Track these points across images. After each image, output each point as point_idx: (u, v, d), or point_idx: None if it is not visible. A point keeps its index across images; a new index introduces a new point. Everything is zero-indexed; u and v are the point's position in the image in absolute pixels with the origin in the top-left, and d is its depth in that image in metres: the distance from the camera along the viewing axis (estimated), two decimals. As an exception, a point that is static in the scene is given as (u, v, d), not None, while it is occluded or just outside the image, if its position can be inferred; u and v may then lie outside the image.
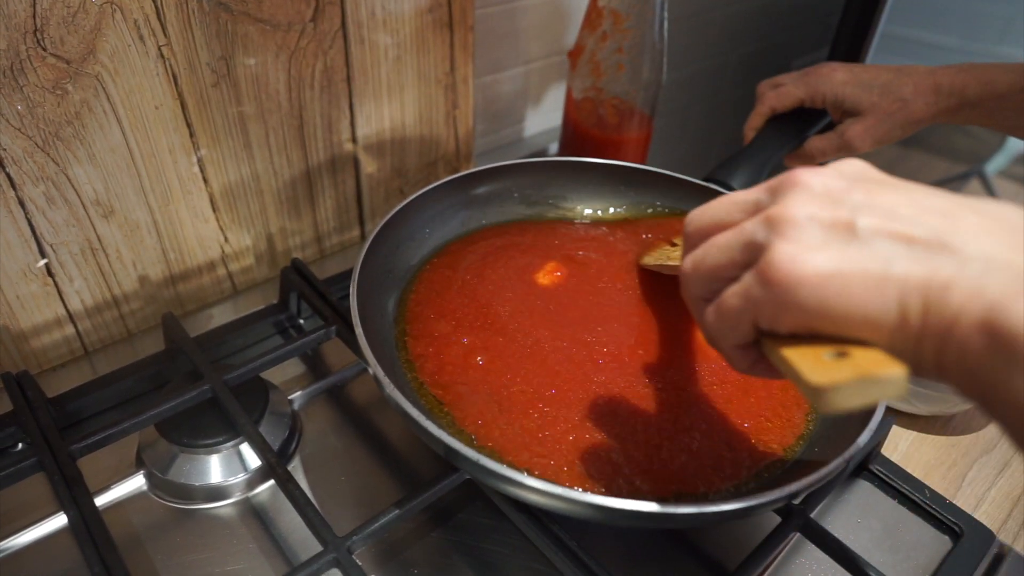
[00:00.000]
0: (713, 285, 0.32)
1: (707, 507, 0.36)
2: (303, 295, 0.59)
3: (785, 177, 0.30)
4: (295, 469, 0.51)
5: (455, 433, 0.44)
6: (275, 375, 0.57)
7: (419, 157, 0.75)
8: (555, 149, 0.99)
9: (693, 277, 0.33)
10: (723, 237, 0.31)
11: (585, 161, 0.64)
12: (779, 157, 0.69)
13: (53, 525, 0.47)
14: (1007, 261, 0.25)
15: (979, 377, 0.25)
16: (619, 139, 0.79)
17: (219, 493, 0.49)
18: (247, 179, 0.63)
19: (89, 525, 0.41)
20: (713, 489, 0.42)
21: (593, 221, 0.65)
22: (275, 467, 0.45)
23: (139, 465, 0.50)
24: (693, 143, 1.34)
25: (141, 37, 0.51)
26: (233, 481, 0.49)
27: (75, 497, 0.43)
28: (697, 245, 0.34)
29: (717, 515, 0.36)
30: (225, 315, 0.65)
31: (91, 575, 0.39)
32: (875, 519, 0.50)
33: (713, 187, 0.62)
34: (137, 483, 0.49)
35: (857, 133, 0.66)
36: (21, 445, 0.51)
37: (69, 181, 0.53)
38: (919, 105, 0.64)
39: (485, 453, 0.40)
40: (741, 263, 0.30)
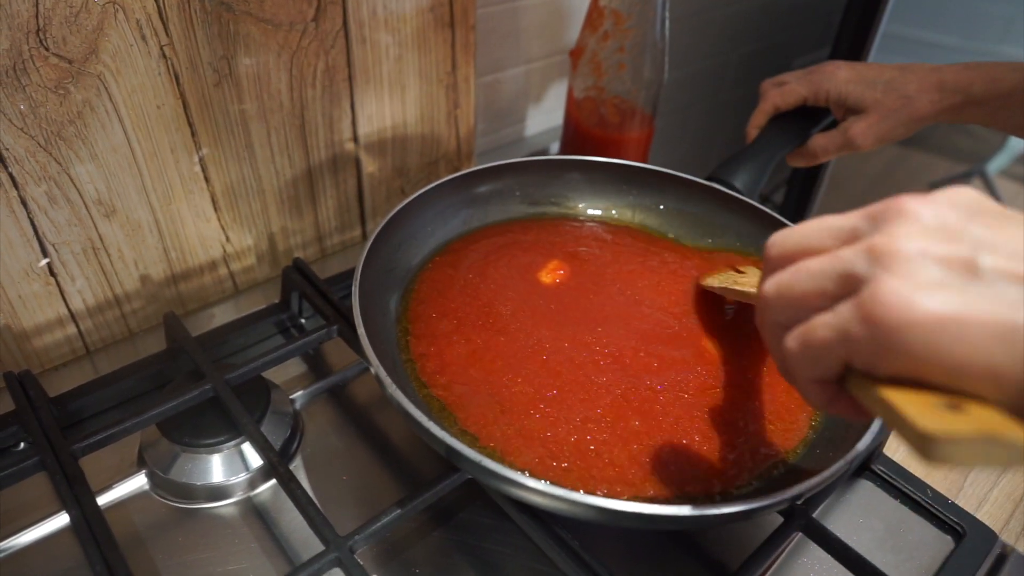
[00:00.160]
0: (797, 313, 0.30)
1: (709, 509, 0.36)
2: (304, 294, 0.59)
3: (890, 204, 0.27)
4: (297, 468, 0.51)
5: (458, 434, 0.44)
6: (277, 375, 0.57)
7: (420, 156, 0.75)
8: (556, 148, 0.99)
9: (776, 302, 0.30)
10: (815, 263, 0.29)
11: (587, 160, 0.64)
12: (782, 155, 0.69)
13: (55, 524, 0.47)
14: None
15: None
16: (620, 138, 0.79)
17: (221, 492, 0.49)
18: (249, 178, 0.63)
19: (91, 524, 0.41)
20: (715, 491, 0.42)
21: (596, 219, 0.65)
22: (277, 466, 0.45)
23: (141, 464, 0.50)
24: (694, 142, 1.34)
25: (143, 37, 0.51)
26: (235, 480, 0.49)
27: (77, 496, 0.43)
28: (780, 269, 0.31)
29: (719, 517, 0.36)
30: (227, 314, 0.65)
31: (93, 574, 0.39)
32: (877, 519, 0.50)
33: (715, 186, 0.62)
34: (139, 482, 0.49)
35: (860, 131, 0.66)
36: (23, 444, 0.51)
37: (71, 180, 0.53)
38: (923, 102, 0.64)
39: (487, 454, 0.40)
40: (834, 294, 0.28)
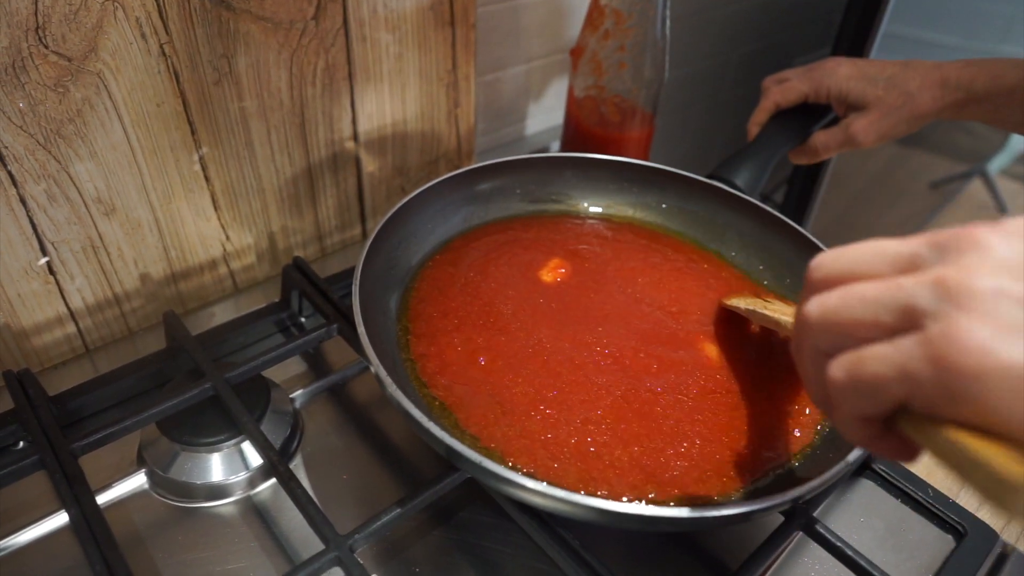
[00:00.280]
0: (844, 341, 0.27)
1: (709, 511, 0.36)
2: (305, 293, 0.59)
3: (960, 233, 0.25)
4: (296, 467, 0.51)
5: (459, 435, 0.44)
6: (277, 373, 0.57)
7: (421, 155, 0.75)
8: (557, 147, 0.99)
9: (819, 326, 0.28)
10: (870, 289, 0.26)
11: (588, 157, 0.64)
12: (783, 153, 0.69)
13: (54, 523, 0.46)
14: None
15: None
16: (621, 137, 0.79)
17: (220, 491, 0.49)
18: (249, 177, 0.63)
19: (90, 523, 0.41)
20: (715, 494, 0.42)
21: (596, 216, 0.65)
22: (277, 465, 0.45)
23: (140, 463, 0.50)
24: (694, 142, 1.34)
25: (143, 35, 0.51)
26: (234, 479, 0.49)
27: (76, 495, 0.43)
28: (824, 291, 0.29)
29: (719, 519, 0.36)
30: (226, 313, 0.65)
31: (92, 573, 0.39)
32: (878, 518, 0.50)
33: (717, 184, 0.62)
34: (138, 481, 0.49)
35: (862, 127, 0.66)
36: (22, 443, 0.51)
37: (70, 179, 0.52)
38: (925, 99, 0.64)
39: (488, 455, 0.40)
40: (891, 327, 0.25)
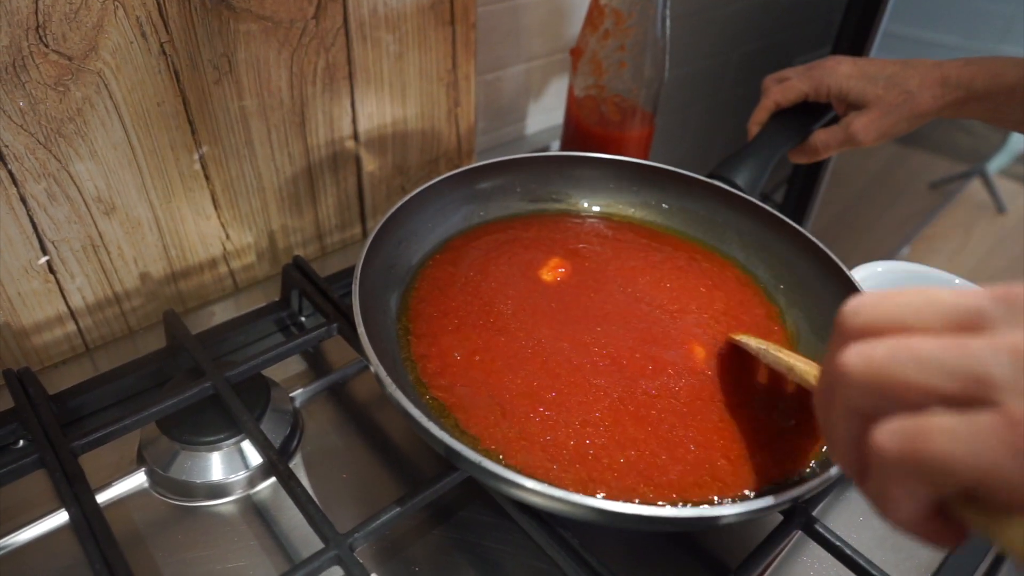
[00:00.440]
0: (889, 404, 0.23)
1: (709, 511, 0.36)
2: (305, 292, 0.59)
3: None
4: (296, 466, 0.51)
5: (459, 435, 0.44)
6: (276, 372, 0.57)
7: (421, 154, 0.75)
8: (557, 147, 0.99)
9: (862, 382, 0.24)
10: (928, 347, 0.23)
11: (588, 156, 0.64)
12: (783, 152, 0.69)
13: (54, 522, 0.47)
14: None
15: None
16: (621, 136, 0.79)
17: (220, 490, 0.49)
18: (249, 176, 0.63)
19: (90, 522, 0.41)
20: (713, 497, 0.42)
21: (597, 215, 0.65)
22: (276, 464, 0.45)
23: (140, 462, 0.50)
24: (694, 141, 1.34)
25: (143, 34, 0.51)
26: (234, 478, 0.49)
27: (76, 494, 0.43)
28: (860, 339, 0.25)
29: (719, 520, 0.36)
30: (227, 312, 0.65)
31: (92, 572, 0.39)
32: (877, 518, 0.50)
33: (717, 183, 0.62)
34: (138, 480, 0.49)
35: (862, 126, 0.66)
36: (22, 442, 0.51)
37: (71, 178, 0.53)
38: (925, 98, 0.64)
39: (488, 456, 0.40)
40: (952, 397, 0.22)
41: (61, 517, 0.47)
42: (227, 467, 0.49)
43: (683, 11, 1.08)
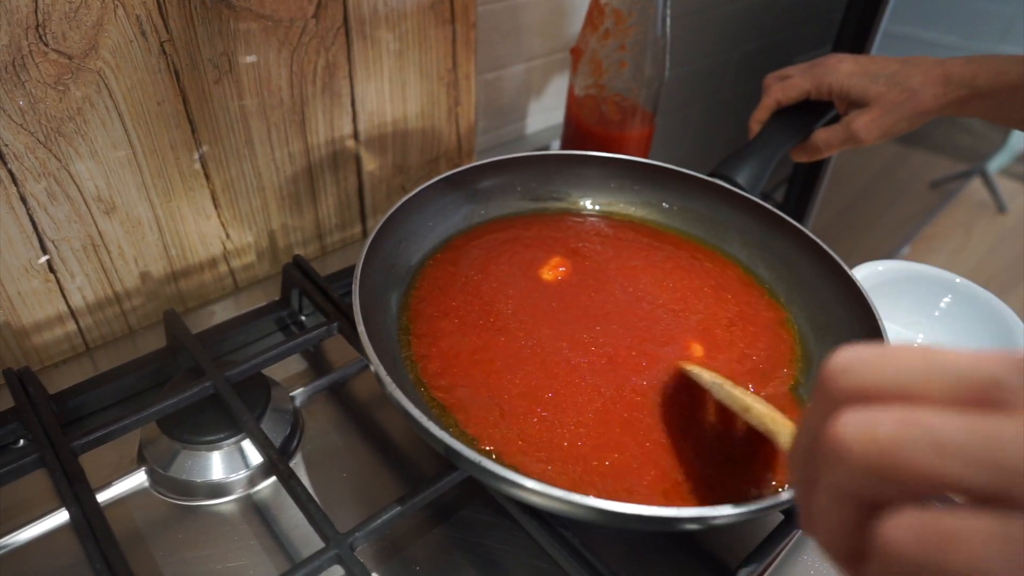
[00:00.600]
0: (894, 491, 0.19)
1: (710, 511, 0.36)
2: (305, 292, 0.59)
3: None
4: (297, 466, 0.51)
5: (458, 435, 0.44)
6: (277, 372, 0.57)
7: (421, 154, 0.75)
8: (557, 146, 0.99)
9: (860, 464, 0.20)
10: (948, 428, 0.19)
11: (589, 155, 0.64)
12: (785, 151, 0.69)
13: (55, 521, 0.46)
14: None
15: None
16: (621, 136, 0.79)
17: (221, 490, 0.49)
18: (249, 175, 0.63)
19: (91, 521, 0.41)
20: (711, 501, 0.42)
21: (597, 214, 0.65)
22: (277, 464, 0.45)
23: (141, 461, 0.50)
24: (694, 141, 1.34)
25: (143, 33, 0.51)
26: (235, 478, 0.49)
27: (77, 493, 0.43)
28: (856, 405, 0.21)
29: (719, 519, 0.36)
30: (227, 312, 0.65)
31: (93, 571, 0.39)
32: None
33: (718, 182, 0.62)
34: (139, 479, 0.49)
35: (863, 124, 0.65)
36: (23, 441, 0.51)
37: (71, 177, 0.52)
38: (927, 96, 0.63)
39: (487, 456, 0.40)
40: (971, 490, 0.18)
41: (61, 516, 0.47)
42: (227, 466, 0.49)
43: (683, 10, 1.08)
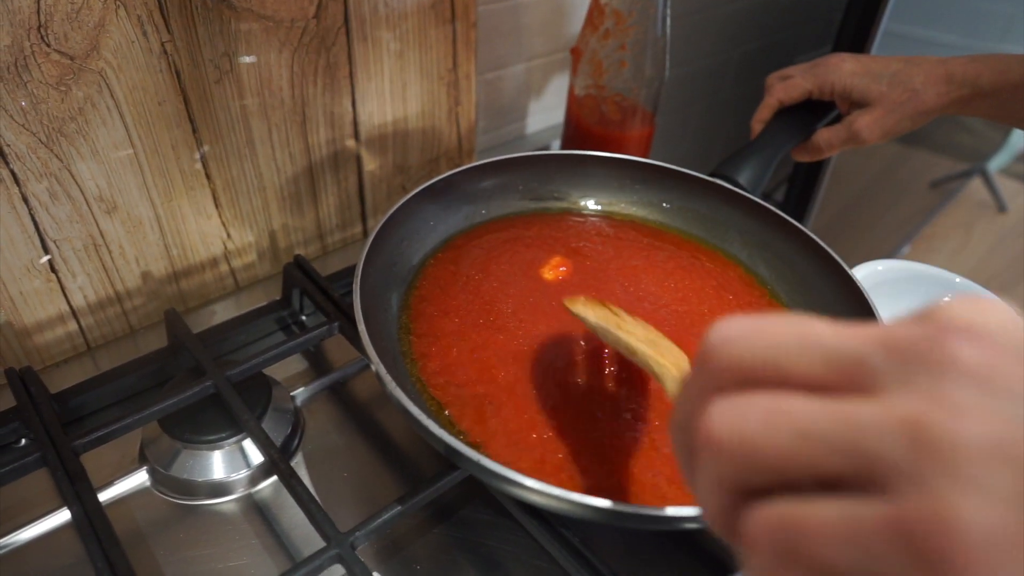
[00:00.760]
0: (763, 479, 0.20)
1: None
2: (306, 291, 0.59)
3: (923, 340, 0.19)
4: (297, 465, 0.51)
5: (454, 434, 0.44)
6: (278, 371, 0.57)
7: (421, 153, 0.75)
8: (557, 146, 0.99)
9: (731, 456, 0.20)
10: (812, 418, 0.19)
11: (589, 155, 0.64)
12: (786, 151, 0.69)
13: (56, 521, 0.47)
14: None
15: None
16: (621, 136, 0.79)
17: (222, 489, 0.49)
18: (250, 175, 0.63)
19: (92, 521, 0.41)
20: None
21: (598, 214, 0.65)
22: (278, 463, 0.45)
23: (142, 461, 0.50)
24: (695, 141, 1.34)
25: (144, 33, 0.51)
26: (236, 477, 0.49)
27: (78, 493, 0.43)
28: (725, 387, 0.21)
29: None
30: (228, 311, 0.65)
31: (94, 571, 0.39)
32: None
33: (719, 182, 0.62)
34: (140, 479, 0.49)
35: (865, 124, 0.65)
36: (24, 441, 0.51)
37: (72, 177, 0.53)
38: (930, 95, 0.63)
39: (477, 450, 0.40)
40: (833, 474, 0.19)
41: (63, 516, 0.47)
42: (228, 466, 0.49)
43: (684, 10, 1.08)
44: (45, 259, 0.54)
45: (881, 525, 0.17)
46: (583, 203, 0.65)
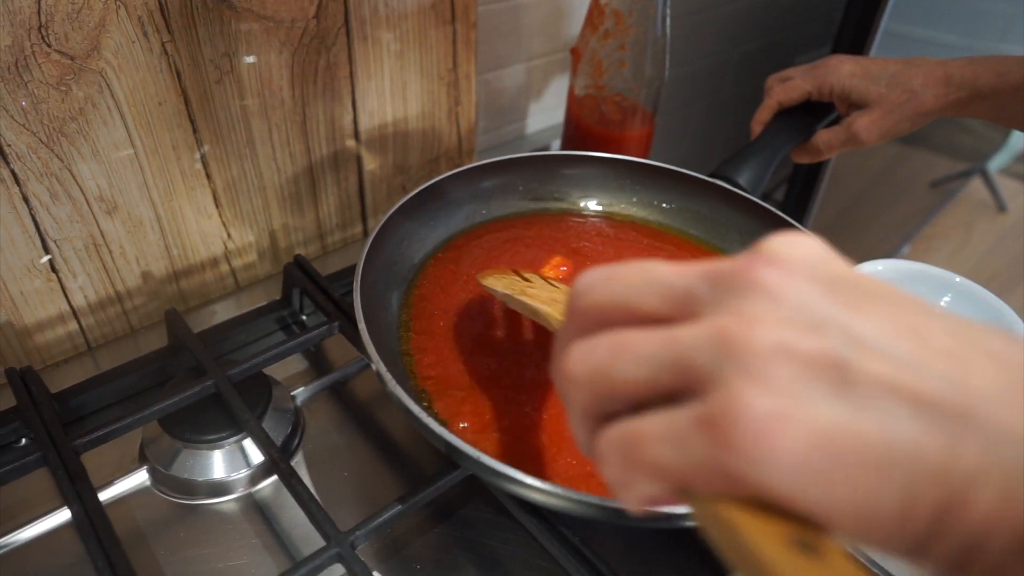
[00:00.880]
0: (615, 405, 0.23)
1: None
2: (306, 291, 0.59)
3: (736, 268, 0.22)
4: (298, 465, 0.51)
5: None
6: (278, 371, 0.57)
7: (422, 153, 0.75)
8: (557, 146, 0.99)
9: (586, 390, 0.23)
10: (644, 342, 0.22)
11: (590, 155, 0.64)
12: (786, 152, 0.69)
13: (56, 520, 0.47)
14: None
15: None
16: (621, 136, 0.79)
17: (222, 488, 0.49)
18: (250, 175, 0.63)
19: (92, 520, 0.41)
20: None
21: (599, 214, 0.65)
22: (278, 462, 0.45)
23: (142, 460, 0.50)
24: (695, 141, 1.34)
25: (145, 33, 0.51)
26: (236, 476, 0.49)
27: (78, 492, 0.43)
28: (589, 330, 0.24)
29: None
30: (228, 311, 0.65)
31: (94, 570, 0.39)
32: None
33: (719, 183, 0.62)
34: (140, 478, 0.49)
35: (864, 125, 0.65)
36: (25, 440, 0.51)
37: (73, 177, 0.53)
38: (928, 97, 0.63)
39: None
40: (667, 387, 0.21)
41: (63, 515, 0.47)
42: (229, 465, 0.49)
43: (683, 10, 1.08)
44: (45, 259, 0.54)
45: (693, 422, 0.20)
46: (583, 203, 0.65)
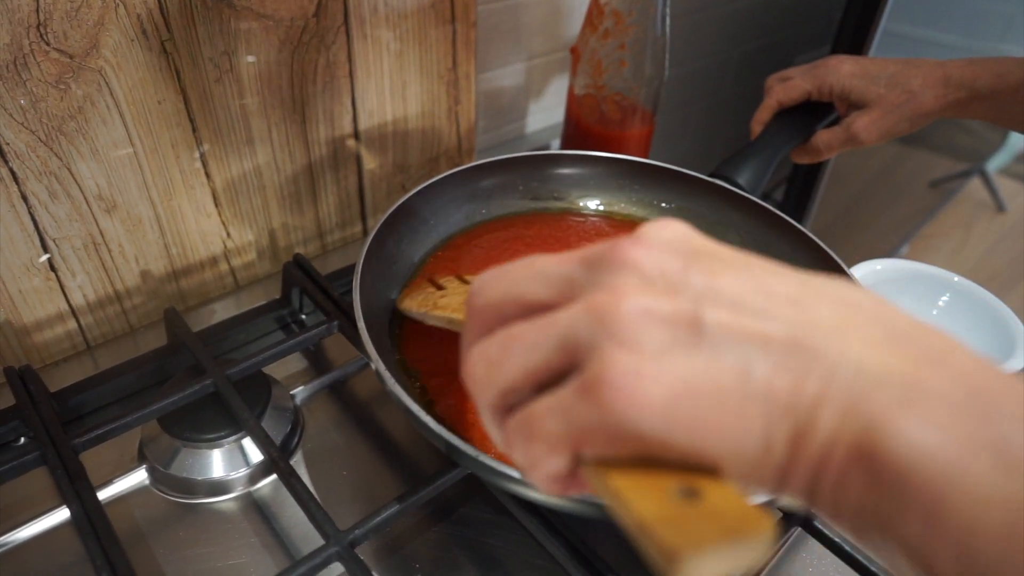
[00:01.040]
0: (516, 395, 0.24)
1: None
2: (305, 290, 0.59)
3: (606, 250, 0.23)
4: (297, 464, 0.51)
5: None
6: (277, 370, 0.57)
7: (421, 153, 0.75)
8: (557, 146, 0.99)
9: (485, 383, 0.25)
10: (530, 332, 0.23)
11: (590, 155, 0.64)
12: (785, 152, 0.69)
13: (55, 519, 0.47)
14: (879, 364, 0.20)
15: (864, 518, 0.20)
16: (621, 135, 0.79)
17: (221, 487, 0.49)
18: (249, 174, 0.63)
19: (92, 519, 0.41)
20: None
21: (598, 214, 0.65)
22: (277, 461, 0.45)
23: (141, 459, 0.50)
24: (694, 140, 1.34)
25: (144, 32, 0.51)
26: (235, 476, 0.49)
27: (78, 491, 0.43)
28: (488, 327, 0.25)
29: None
30: (227, 310, 0.65)
31: (94, 569, 0.39)
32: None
33: (719, 183, 0.62)
34: (139, 477, 0.49)
35: (863, 126, 0.66)
36: (24, 439, 0.51)
37: (72, 176, 0.53)
38: (927, 97, 0.63)
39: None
40: (558, 367, 0.23)
41: (62, 514, 0.47)
42: (228, 464, 0.49)
43: (683, 9, 1.08)
44: (44, 258, 0.54)
45: (574, 391, 0.22)
46: (583, 203, 0.65)
